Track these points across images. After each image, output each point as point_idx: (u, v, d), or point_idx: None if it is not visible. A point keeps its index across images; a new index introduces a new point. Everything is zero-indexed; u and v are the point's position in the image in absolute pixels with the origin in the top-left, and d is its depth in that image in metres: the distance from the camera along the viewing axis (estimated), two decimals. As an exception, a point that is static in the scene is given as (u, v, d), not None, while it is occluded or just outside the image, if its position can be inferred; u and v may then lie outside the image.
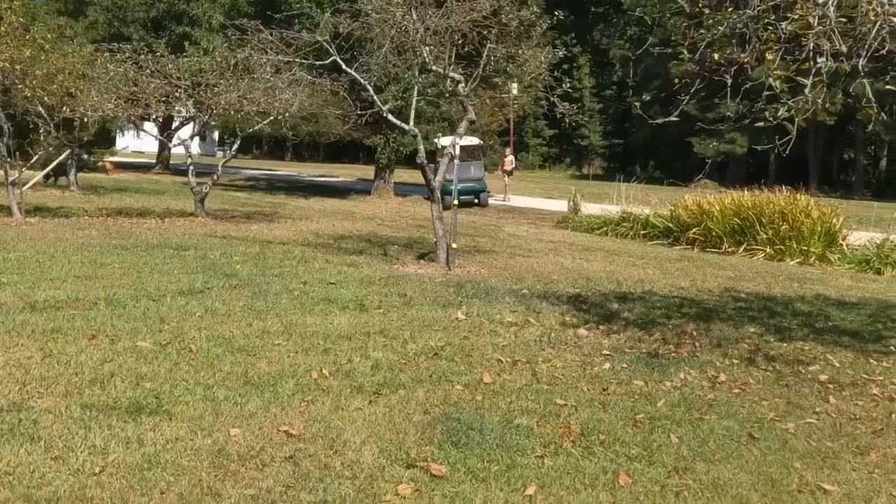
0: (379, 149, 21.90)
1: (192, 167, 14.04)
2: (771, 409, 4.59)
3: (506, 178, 25.45)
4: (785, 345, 6.48)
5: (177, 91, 12.66)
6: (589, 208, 18.69)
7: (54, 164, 18.23)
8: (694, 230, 14.69)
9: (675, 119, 5.69)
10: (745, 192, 15.21)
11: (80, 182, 18.47)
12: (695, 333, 6.74)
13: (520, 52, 9.77)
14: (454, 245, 9.55)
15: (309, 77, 11.01)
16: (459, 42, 9.65)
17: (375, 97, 9.57)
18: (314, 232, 12.69)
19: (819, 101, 4.78)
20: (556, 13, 11.92)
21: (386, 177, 23.38)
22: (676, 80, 5.54)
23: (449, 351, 5.57)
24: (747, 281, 10.46)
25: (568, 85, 10.40)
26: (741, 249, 13.96)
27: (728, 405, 4.64)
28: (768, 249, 13.68)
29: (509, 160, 26.36)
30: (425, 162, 9.66)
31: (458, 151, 9.82)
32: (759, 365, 5.75)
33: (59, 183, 19.02)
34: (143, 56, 12.64)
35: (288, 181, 30.17)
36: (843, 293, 9.74)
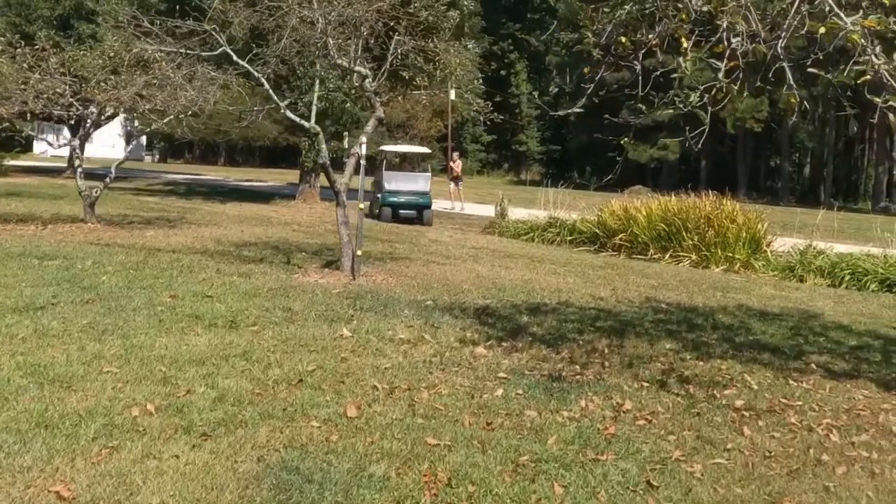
0: (304, 151, 20.91)
1: (80, 170, 12.85)
2: (677, 446, 3.95)
3: (451, 185, 24.36)
4: (701, 363, 5.92)
5: (60, 87, 11.47)
6: (517, 213, 18.15)
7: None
8: (620, 236, 14.25)
9: (579, 110, 5.07)
10: (672, 197, 14.89)
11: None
12: (606, 351, 6.13)
13: (430, 45, 9.06)
14: (359, 252, 8.77)
15: (213, 73, 10.05)
16: (366, 35, 8.89)
17: (272, 92, 8.72)
18: (216, 238, 11.72)
19: (735, 87, 4.19)
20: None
21: (311, 181, 22.35)
22: (586, 71, 4.84)
23: (318, 376, 4.79)
24: (670, 290, 9.99)
25: (479, 81, 9.70)
26: (667, 256, 13.58)
27: (629, 441, 3.98)
28: (694, 256, 13.33)
29: (458, 164, 24.88)
30: (327, 163, 8.85)
31: (363, 151, 9.03)
32: (672, 388, 5.15)
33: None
34: (18, 50, 11.43)
35: (211, 186, 28.80)
36: (765, 303, 9.34)
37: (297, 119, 8.85)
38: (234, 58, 8.60)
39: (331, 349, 5.48)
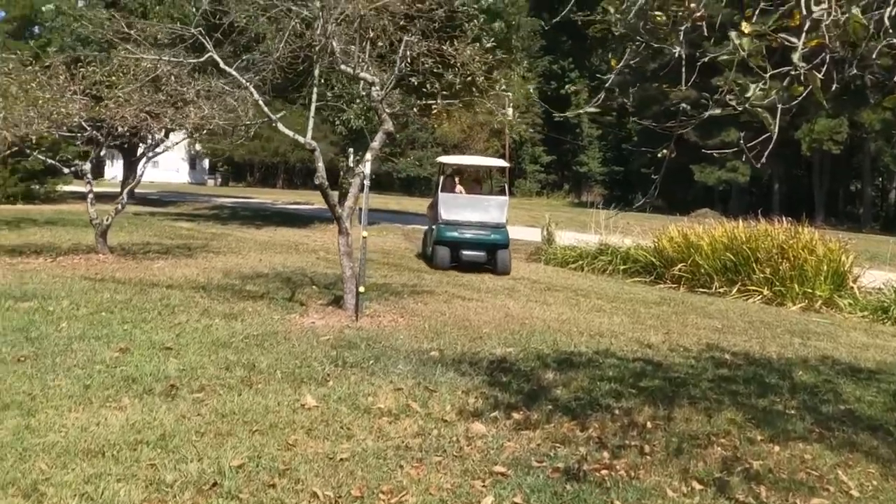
0: (341, 173, 19.95)
1: (90, 196, 12.09)
2: None
3: None
4: (777, 449, 4.43)
5: (68, 107, 10.75)
6: (567, 238, 16.65)
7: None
8: (680, 266, 12.65)
9: (593, 110, 3.77)
10: (740, 222, 13.19)
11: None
12: (648, 426, 4.71)
13: (447, 48, 7.84)
14: (362, 289, 7.55)
15: (220, 84, 9.09)
16: (373, 36, 7.76)
17: (261, 102, 7.65)
18: (227, 270, 10.72)
19: (818, 78, 2.79)
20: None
21: (343, 203, 21.35)
22: (613, 64, 3.48)
23: (242, 477, 3.55)
24: (736, 334, 8.40)
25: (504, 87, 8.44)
26: (734, 290, 11.90)
27: None
28: (766, 291, 11.61)
29: (458, 191, 21.09)
30: (324, 183, 7.69)
31: (368, 170, 7.85)
32: (735, 493, 3.71)
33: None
34: (28, 67, 10.76)
35: (255, 209, 28.23)
36: (856, 354, 7.68)
37: (292, 134, 7.75)
38: (222, 64, 7.57)
39: (281, 428, 4.23)
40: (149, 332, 6.37)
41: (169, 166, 63.30)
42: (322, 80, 9.97)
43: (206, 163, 67.51)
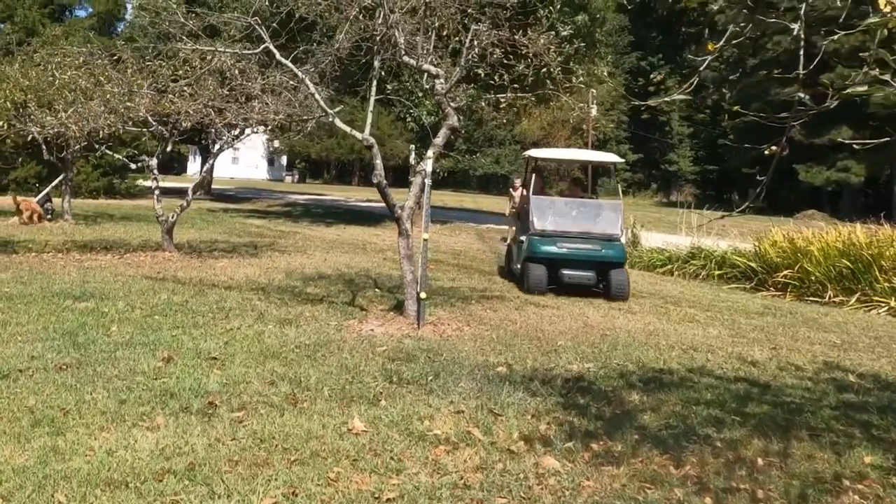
0: (411, 169, 19.43)
1: (157, 193, 11.94)
2: None
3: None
4: (933, 503, 3.50)
5: (137, 100, 10.61)
6: (655, 241, 15.56)
7: (42, 194, 16.71)
8: (786, 273, 11.42)
9: (683, 97, 3.04)
10: (858, 226, 11.82)
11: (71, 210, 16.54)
12: (759, 463, 3.86)
13: (519, 37, 7.11)
14: (423, 295, 6.91)
15: (285, 78, 8.66)
16: (438, 26, 7.14)
17: (318, 95, 7.12)
18: (290, 270, 10.32)
19: None
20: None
21: (420, 201, 20.81)
22: (710, 47, 2.66)
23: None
24: (860, 351, 7.30)
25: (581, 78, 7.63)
26: (852, 301, 10.57)
27: None
28: (892, 303, 10.22)
29: (520, 194, 14.31)
30: (383, 182, 7.10)
31: (430, 168, 7.21)
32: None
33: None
34: (98, 60, 10.67)
35: (327, 207, 28.15)
36: None
37: (349, 129, 7.20)
38: (278, 55, 7.11)
39: (323, 457, 3.63)
40: (197, 338, 5.93)
41: (248, 163, 64.95)
42: (392, 74, 9.42)
43: (284, 160, 68.83)
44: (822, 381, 5.82)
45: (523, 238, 10.16)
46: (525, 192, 10.80)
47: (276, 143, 54.65)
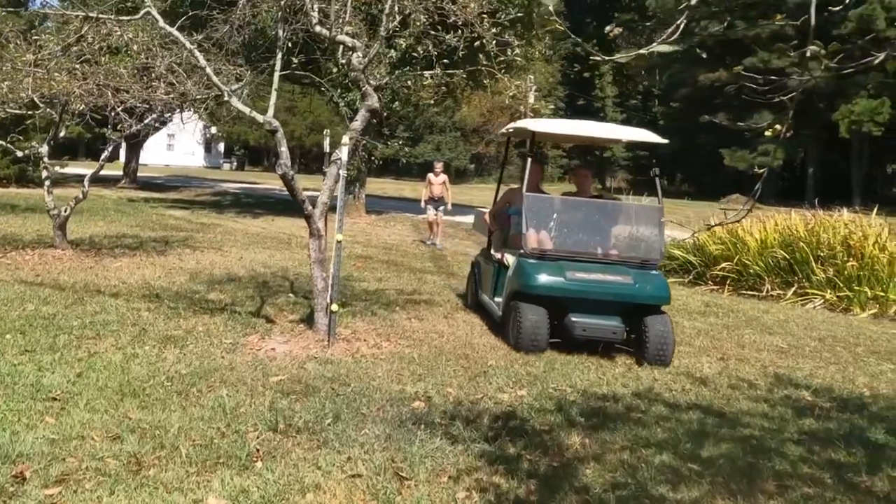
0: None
1: (47, 183, 10.55)
2: None
3: (430, 211, 14.25)
4: None
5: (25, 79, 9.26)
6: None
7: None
8: (724, 265, 10.92)
9: (671, 48, 2.21)
10: (793, 213, 11.42)
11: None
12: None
13: (446, 4, 6.19)
14: (334, 307, 5.96)
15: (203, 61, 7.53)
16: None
17: (208, 69, 6.05)
18: (196, 272, 9.21)
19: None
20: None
21: (356, 191, 19.78)
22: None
23: None
24: (808, 358, 6.73)
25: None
26: (790, 293, 10.17)
27: None
28: (829, 295, 9.87)
29: (440, 181, 14.26)
30: (289, 173, 6.08)
31: (345, 157, 6.23)
32: None
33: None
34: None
35: (259, 196, 26.75)
36: (973, 388, 5.99)
37: (248, 111, 6.17)
38: (161, 22, 6.00)
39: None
40: (45, 368, 4.84)
41: (184, 150, 62.13)
42: (302, 49, 8.38)
43: (222, 147, 66.18)
44: (778, 404, 5.16)
45: (508, 260, 6.78)
46: (517, 188, 7.40)
47: (214, 130, 52.44)
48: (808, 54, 2.37)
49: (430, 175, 14.48)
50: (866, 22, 38.19)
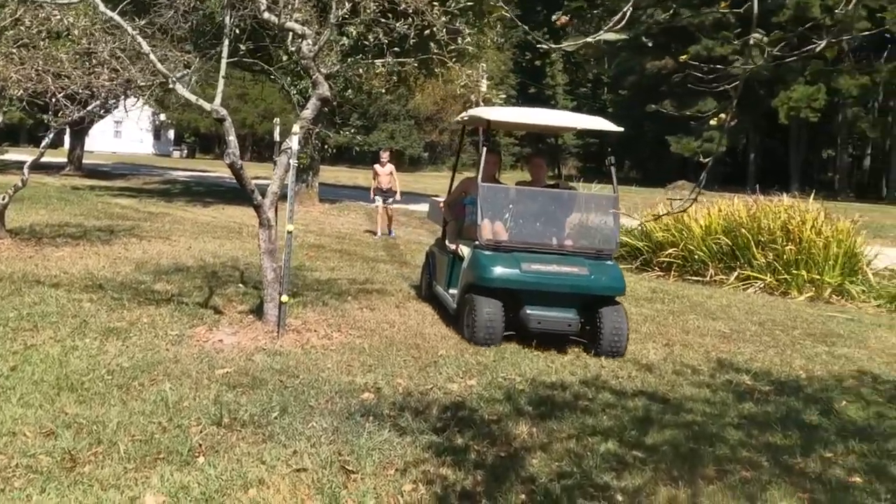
0: (300, 145, 18.07)
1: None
2: None
3: (378, 202, 13.85)
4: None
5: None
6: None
7: None
8: (670, 251, 11.15)
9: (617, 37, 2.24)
10: (735, 199, 11.70)
11: None
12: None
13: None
14: (285, 298, 5.90)
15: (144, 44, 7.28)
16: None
17: (155, 59, 5.87)
18: (142, 262, 8.99)
19: None
20: None
21: (309, 179, 19.55)
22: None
23: None
24: (748, 342, 6.94)
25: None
26: (732, 278, 10.46)
27: None
28: (768, 279, 10.18)
29: (389, 170, 13.90)
30: (237, 162, 5.97)
31: (296, 145, 6.15)
32: None
33: None
34: None
35: (210, 184, 26.22)
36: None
37: (194, 99, 6.03)
38: (102, 7, 5.81)
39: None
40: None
41: (132, 137, 60.31)
42: (250, 35, 8.20)
43: (172, 134, 64.58)
44: (719, 388, 5.30)
45: (463, 251, 6.68)
46: (473, 177, 7.17)
47: (163, 117, 51.12)
48: (751, 42, 2.43)
49: (377, 166, 14.11)
50: (802, 10, 39.39)
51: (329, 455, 3.57)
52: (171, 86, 6.01)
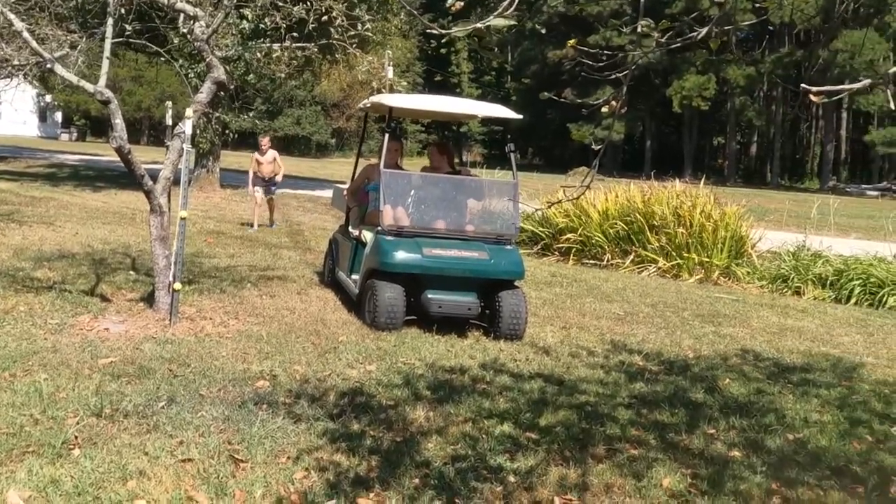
0: (199, 130, 17.36)
1: None
2: None
3: (258, 193, 12.21)
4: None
5: None
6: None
7: None
8: (569, 236, 11.44)
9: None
10: (632, 185, 12.12)
11: None
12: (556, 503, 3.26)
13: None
14: (177, 285, 5.67)
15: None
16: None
17: (25, 33, 5.46)
18: (23, 248, 8.43)
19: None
20: None
21: (209, 164, 18.83)
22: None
23: None
24: (641, 323, 7.22)
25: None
26: (628, 261, 10.85)
27: None
28: (662, 262, 10.63)
29: (271, 156, 12.31)
30: (124, 146, 5.65)
31: (189, 130, 5.88)
32: None
33: None
34: None
35: (101, 169, 24.78)
36: (776, 344, 6.69)
37: (75, 80, 5.65)
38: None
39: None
40: None
41: (14, 118, 56.21)
42: (137, 15, 7.77)
43: (59, 116, 60.83)
44: (613, 369, 5.49)
45: (366, 237, 6.68)
46: (375, 163, 7.06)
47: (49, 98, 47.90)
48: (639, 30, 2.51)
49: (256, 155, 12.24)
50: (693, 1, 41.41)
51: (218, 444, 3.46)
52: (48, 66, 5.61)
